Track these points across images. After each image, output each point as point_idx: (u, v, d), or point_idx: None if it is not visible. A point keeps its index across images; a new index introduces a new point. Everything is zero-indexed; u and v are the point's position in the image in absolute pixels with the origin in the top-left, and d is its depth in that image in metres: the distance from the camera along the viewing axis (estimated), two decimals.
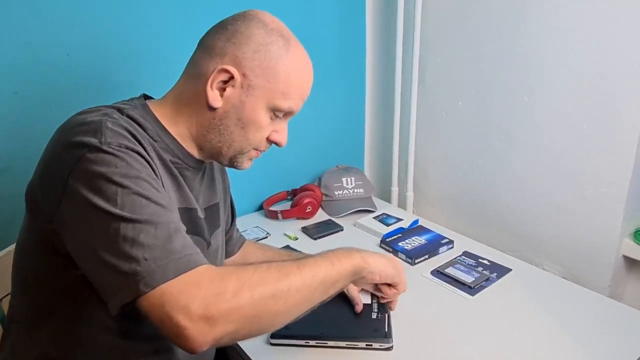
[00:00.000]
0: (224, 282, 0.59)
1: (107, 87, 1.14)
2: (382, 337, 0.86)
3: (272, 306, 0.62)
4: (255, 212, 1.51)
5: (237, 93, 0.73)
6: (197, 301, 0.56)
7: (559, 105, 1.18)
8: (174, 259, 0.58)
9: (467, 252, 1.21)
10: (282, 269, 0.65)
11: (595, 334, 0.90)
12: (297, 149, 1.56)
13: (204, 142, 0.77)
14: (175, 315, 0.55)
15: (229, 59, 0.72)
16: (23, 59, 1.02)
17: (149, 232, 0.59)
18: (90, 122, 0.65)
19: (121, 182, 0.60)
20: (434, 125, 1.52)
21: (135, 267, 0.57)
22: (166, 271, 0.57)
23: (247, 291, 0.59)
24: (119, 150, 0.62)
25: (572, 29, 1.12)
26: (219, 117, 0.74)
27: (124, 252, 0.57)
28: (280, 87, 0.73)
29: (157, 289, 0.56)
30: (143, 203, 0.60)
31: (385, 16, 1.55)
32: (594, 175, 1.15)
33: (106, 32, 1.11)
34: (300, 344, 0.87)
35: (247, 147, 0.78)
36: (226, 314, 0.58)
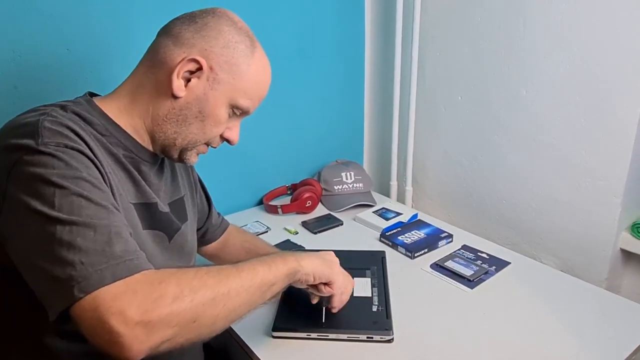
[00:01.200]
0: (163, 286, 0.57)
1: (107, 81, 1.13)
2: (382, 329, 0.87)
3: (212, 310, 0.60)
4: (255, 206, 1.52)
5: (201, 85, 0.72)
6: (134, 306, 0.53)
7: (557, 99, 1.19)
8: (112, 264, 0.56)
9: (466, 245, 1.22)
10: (222, 272, 0.64)
11: (592, 326, 0.91)
12: (297, 144, 1.57)
13: (159, 132, 0.75)
14: (109, 321, 0.52)
15: (197, 50, 0.71)
16: (23, 53, 1.02)
17: (87, 236, 0.56)
18: (27, 124, 0.62)
19: (59, 182, 0.58)
20: (433, 120, 1.52)
21: (70, 272, 0.54)
22: (103, 276, 0.54)
23: (188, 295, 0.57)
24: (57, 150, 0.60)
25: (570, 23, 1.12)
26: (179, 107, 0.73)
27: (60, 257, 0.54)
28: (243, 85, 0.74)
29: (92, 294, 0.53)
30: (82, 204, 0.58)
31: (384, 10, 1.55)
32: (592, 169, 1.16)
33: (106, 27, 1.11)
34: (302, 337, 0.88)
35: (201, 141, 0.77)
36: (165, 319, 0.55)
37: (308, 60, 1.50)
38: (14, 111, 1.04)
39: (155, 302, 0.55)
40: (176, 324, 0.56)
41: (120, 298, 0.54)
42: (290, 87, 1.48)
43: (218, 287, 0.61)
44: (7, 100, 1.03)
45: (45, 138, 0.60)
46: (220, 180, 1.42)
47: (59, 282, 0.54)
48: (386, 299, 0.96)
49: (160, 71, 0.72)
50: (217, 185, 1.42)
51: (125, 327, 0.52)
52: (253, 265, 0.69)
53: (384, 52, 1.60)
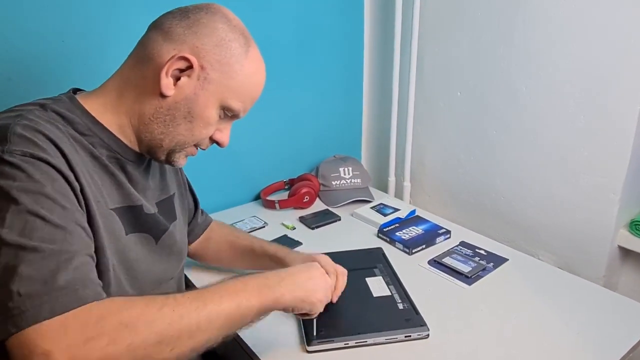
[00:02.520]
0: (100, 325, 0.51)
1: (101, 73, 1.12)
2: (418, 325, 0.86)
3: (155, 355, 0.54)
4: (252, 201, 1.51)
5: (192, 84, 0.69)
6: (61, 348, 0.49)
7: (556, 95, 1.18)
8: (53, 296, 0.51)
9: (464, 242, 1.21)
10: (177, 309, 0.56)
11: (590, 322, 0.90)
12: (295, 139, 1.56)
13: (145, 132, 0.71)
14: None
15: (188, 47, 0.67)
16: (17, 45, 1.01)
17: (32, 262, 0.52)
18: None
19: (17, 197, 0.54)
20: (431, 116, 1.51)
21: (6, 303, 0.50)
22: (39, 312, 0.50)
23: (127, 337, 0.52)
24: (22, 160, 0.56)
25: (569, 20, 1.12)
26: (167, 106, 0.69)
27: (2, 284, 0.50)
28: (235, 86, 0.71)
29: (24, 331, 0.49)
30: (36, 225, 0.53)
31: (383, 5, 1.54)
32: (591, 166, 1.16)
33: (101, 19, 1.10)
34: (339, 347, 0.83)
35: (189, 142, 0.73)
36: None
37: (307, 55, 1.49)
38: (8, 103, 1.02)
39: (86, 345, 0.50)
40: None
41: (49, 338, 0.49)
42: (289, 82, 1.47)
43: (168, 330, 0.54)
44: (1, 92, 1.01)
45: (13, 145, 0.56)
46: (218, 175, 1.41)
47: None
48: (407, 295, 0.95)
49: (148, 67, 0.69)
50: (214, 180, 1.41)
51: None
52: (220, 300, 0.61)
53: (382, 47, 1.59)
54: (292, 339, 0.87)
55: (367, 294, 0.96)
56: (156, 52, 0.68)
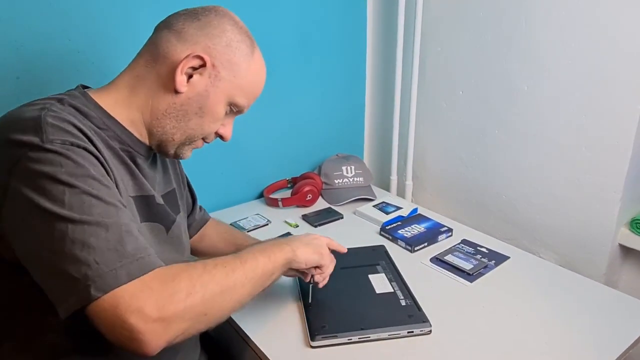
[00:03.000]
0: (176, 283, 0.59)
1: (108, 71, 1.13)
2: (420, 321, 0.87)
3: (221, 303, 0.63)
4: (255, 199, 1.52)
5: (203, 81, 0.73)
6: (151, 303, 0.56)
7: (557, 95, 1.19)
8: (126, 262, 0.57)
9: (465, 240, 1.22)
10: (227, 266, 0.66)
11: (590, 319, 0.91)
12: (298, 138, 1.57)
13: (157, 127, 0.75)
14: (129, 319, 0.54)
15: (201, 47, 0.72)
16: (25, 44, 1.02)
17: (99, 235, 0.57)
18: (29, 119, 0.61)
19: (68, 181, 0.58)
20: (433, 115, 1.52)
21: (85, 271, 0.55)
22: (118, 275, 0.56)
23: (199, 291, 0.60)
24: (64, 148, 0.60)
25: (571, 19, 1.13)
26: (180, 102, 0.74)
27: (74, 256, 0.55)
28: (242, 84, 0.76)
29: (110, 293, 0.55)
30: (92, 203, 0.58)
31: (386, 5, 1.55)
32: (592, 164, 1.16)
33: (107, 17, 1.11)
34: (343, 342, 0.85)
35: (198, 136, 0.78)
36: (180, 314, 0.58)
37: (310, 54, 1.50)
38: (16, 101, 1.04)
39: (171, 299, 0.57)
40: (189, 318, 0.59)
41: (138, 296, 0.56)
42: (292, 82, 1.48)
43: (226, 281, 0.64)
44: (9, 90, 1.03)
45: (50, 135, 0.60)
46: (221, 173, 1.43)
47: (73, 281, 0.55)
48: (409, 292, 0.96)
49: (162, 66, 0.73)
50: (218, 178, 1.43)
51: (144, 324, 0.55)
52: (254, 256, 0.71)
53: (385, 46, 1.60)
54: (296, 334, 0.88)
55: (370, 291, 0.97)
56: (170, 51, 0.72)
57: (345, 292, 0.97)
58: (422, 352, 0.84)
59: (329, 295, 0.95)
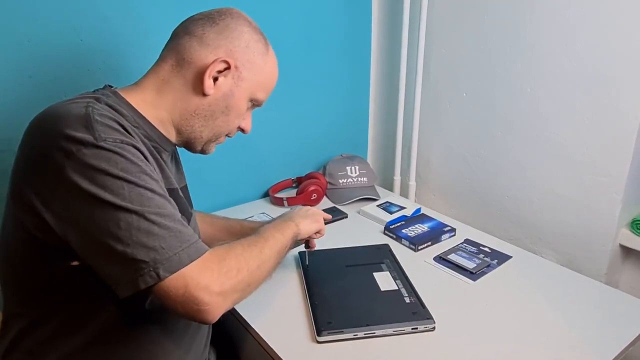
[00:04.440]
0: (227, 262, 0.69)
1: (120, 71, 1.16)
2: (424, 318, 0.89)
3: (259, 275, 0.75)
4: (261, 198, 1.54)
5: (228, 82, 0.79)
6: (213, 280, 0.66)
7: (560, 96, 1.21)
8: (185, 247, 0.65)
9: (468, 239, 1.24)
10: (258, 245, 0.78)
11: (591, 318, 0.93)
12: (303, 138, 1.59)
13: (186, 126, 0.81)
14: (198, 295, 0.64)
15: (223, 51, 0.77)
16: (38, 44, 1.04)
17: (160, 223, 0.64)
18: (77, 115, 0.65)
19: (125, 177, 0.63)
20: (437, 116, 1.54)
21: (154, 256, 0.62)
22: (181, 258, 0.64)
23: (245, 267, 0.71)
24: (116, 146, 0.64)
25: (575, 21, 1.14)
26: (207, 103, 0.79)
27: (140, 243, 0.62)
28: (261, 80, 0.83)
29: (177, 273, 0.63)
30: (149, 196, 0.64)
31: (391, 6, 1.57)
32: (594, 166, 1.18)
33: (119, 17, 1.13)
34: (348, 338, 0.86)
35: (224, 133, 0.85)
36: (235, 287, 0.69)
37: (315, 55, 1.52)
38: (29, 100, 1.07)
39: (227, 275, 0.68)
40: (240, 289, 0.71)
41: (203, 275, 0.65)
42: (297, 82, 1.50)
43: (260, 257, 0.76)
44: (23, 89, 1.05)
45: (102, 133, 0.64)
46: (228, 172, 1.44)
47: (142, 264, 0.62)
48: (413, 289, 0.98)
49: (188, 70, 0.77)
50: (225, 177, 1.44)
51: (210, 298, 0.65)
52: (273, 235, 0.84)
53: (390, 47, 1.61)
54: (303, 330, 0.90)
55: (374, 288, 0.99)
56: (194, 57, 0.77)
57: (350, 290, 0.98)
58: (426, 349, 0.85)
59: (334, 292, 0.97)
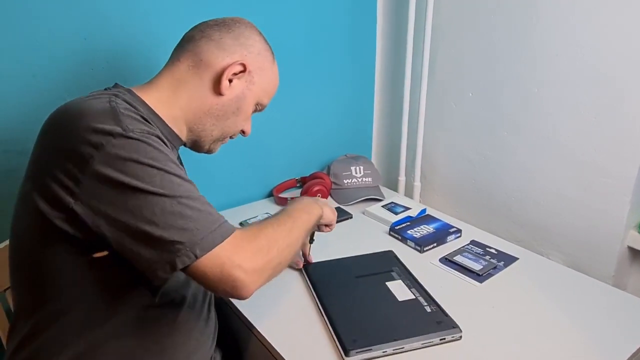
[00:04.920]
0: (258, 241, 0.72)
1: (123, 71, 1.15)
2: (450, 327, 0.86)
3: (288, 254, 0.78)
4: (265, 198, 1.53)
5: (241, 85, 0.84)
6: (247, 258, 0.68)
7: (568, 97, 1.20)
8: (216, 227, 0.67)
9: (474, 241, 1.23)
10: (286, 224, 0.80)
11: (599, 321, 0.92)
12: (307, 138, 1.58)
13: (198, 124, 0.84)
14: (234, 272, 0.66)
15: (239, 55, 0.83)
16: (41, 43, 1.03)
17: (192, 207, 0.66)
18: (103, 109, 0.67)
19: (155, 165, 0.65)
20: (442, 116, 1.53)
21: (189, 237, 0.64)
22: (214, 237, 0.66)
23: (274, 245, 0.74)
24: (143, 136, 0.66)
25: (582, 21, 1.13)
26: (221, 103, 0.83)
27: (176, 225, 0.64)
28: (268, 87, 0.89)
29: (212, 252, 0.66)
30: (178, 182, 0.67)
31: (396, 6, 1.56)
32: (601, 167, 1.17)
33: (122, 17, 1.12)
34: (378, 356, 0.82)
35: (231, 133, 0.89)
36: (267, 265, 0.71)
37: (319, 55, 1.51)
38: (33, 99, 1.06)
39: (259, 253, 0.70)
40: (272, 267, 0.73)
41: (237, 253, 0.68)
42: (302, 82, 1.49)
43: (289, 236, 0.79)
44: (26, 88, 1.04)
45: (130, 125, 0.66)
46: (232, 172, 1.44)
47: (178, 245, 0.64)
48: (431, 298, 0.95)
49: (205, 72, 0.81)
50: (229, 177, 1.44)
51: (245, 275, 0.67)
52: (300, 215, 0.86)
53: (395, 47, 1.60)
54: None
55: (392, 299, 0.95)
56: (213, 59, 0.81)
57: (367, 302, 0.94)
58: (433, 351, 0.85)
59: (351, 306, 0.94)
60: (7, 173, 1.06)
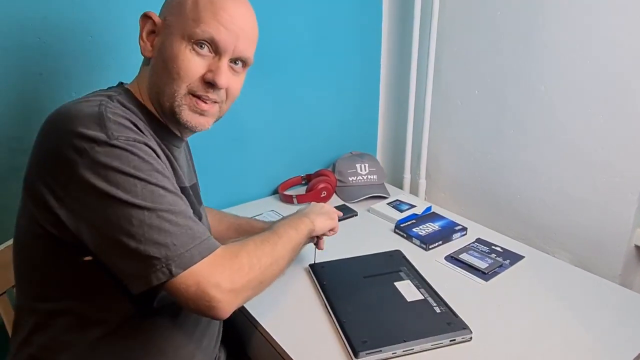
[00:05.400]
0: (239, 259, 0.69)
1: (129, 68, 1.15)
2: (460, 329, 0.85)
3: (271, 272, 0.75)
4: (270, 196, 1.53)
5: (161, 39, 0.76)
6: (225, 278, 0.65)
7: (574, 95, 1.19)
8: (197, 244, 0.65)
9: (480, 239, 1.23)
10: (269, 241, 0.77)
11: (606, 320, 0.91)
12: (312, 136, 1.58)
13: (155, 103, 0.77)
14: (210, 292, 0.64)
15: (159, 13, 0.78)
16: (48, 41, 1.04)
17: (172, 220, 0.64)
18: (90, 114, 0.65)
19: (137, 175, 0.63)
20: (448, 114, 1.52)
21: (165, 252, 0.62)
22: (193, 255, 0.64)
23: (257, 264, 0.71)
24: (128, 144, 0.64)
25: (589, 19, 1.12)
26: (151, 67, 0.77)
27: (153, 239, 0.62)
28: (189, 15, 0.73)
29: (189, 270, 0.63)
30: (161, 193, 0.65)
31: (402, 4, 1.55)
32: (608, 166, 1.16)
33: (128, 15, 1.12)
34: (388, 357, 0.81)
35: (177, 90, 0.73)
36: (247, 285, 0.69)
37: (325, 52, 1.51)
38: (39, 97, 1.07)
39: (238, 273, 0.68)
40: (252, 287, 0.70)
41: (214, 273, 0.65)
42: (307, 80, 1.49)
43: (273, 254, 0.75)
44: (32, 85, 1.05)
45: (115, 131, 0.64)
46: (237, 169, 1.44)
47: (154, 260, 0.62)
48: (441, 298, 0.94)
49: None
50: (234, 174, 1.44)
51: (222, 295, 0.65)
52: (286, 231, 0.83)
53: (400, 45, 1.60)
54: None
55: (401, 300, 0.94)
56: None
57: (376, 303, 0.94)
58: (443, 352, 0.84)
59: (359, 306, 0.93)
60: (13, 171, 1.07)
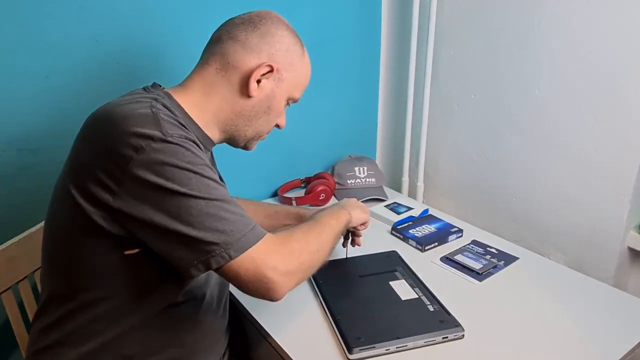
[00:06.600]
0: (290, 244, 0.75)
1: (133, 72, 1.18)
2: (453, 326, 0.88)
3: (318, 257, 0.81)
4: (270, 198, 1.55)
5: (270, 84, 0.84)
6: (281, 260, 0.71)
7: (569, 98, 1.21)
8: (249, 229, 0.70)
9: (475, 240, 1.24)
10: (315, 229, 0.84)
11: (599, 321, 0.93)
12: (312, 138, 1.60)
13: (230, 126, 0.85)
14: (267, 274, 0.69)
15: (266, 55, 0.82)
16: (54, 44, 1.07)
17: (227, 209, 0.69)
18: (144, 114, 0.69)
19: (191, 168, 0.68)
20: (445, 117, 1.54)
21: (224, 238, 0.68)
22: (249, 239, 0.69)
23: (305, 249, 0.77)
24: (181, 141, 0.69)
25: (583, 23, 1.14)
26: (252, 104, 0.84)
27: (211, 227, 0.67)
28: (299, 81, 0.89)
29: (246, 253, 0.69)
30: (213, 185, 0.70)
31: (400, 8, 1.58)
32: (602, 168, 1.18)
33: (133, 19, 1.15)
34: (381, 353, 0.84)
35: (265, 131, 0.90)
36: (299, 267, 0.74)
37: (324, 55, 1.53)
38: (46, 99, 1.10)
39: (291, 256, 0.74)
40: (303, 270, 0.76)
41: (270, 256, 0.71)
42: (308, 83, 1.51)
43: (319, 241, 0.83)
44: (39, 88, 1.07)
45: (169, 129, 0.69)
46: (237, 171, 1.46)
47: (213, 246, 0.67)
48: (434, 297, 0.96)
49: (233, 75, 0.82)
50: (234, 176, 1.45)
51: (278, 277, 0.70)
52: (328, 221, 0.90)
53: (399, 48, 1.62)
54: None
55: (395, 298, 0.97)
56: (239, 61, 0.82)
57: (371, 301, 0.96)
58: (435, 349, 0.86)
59: (354, 304, 0.95)
60: (21, 170, 1.10)
